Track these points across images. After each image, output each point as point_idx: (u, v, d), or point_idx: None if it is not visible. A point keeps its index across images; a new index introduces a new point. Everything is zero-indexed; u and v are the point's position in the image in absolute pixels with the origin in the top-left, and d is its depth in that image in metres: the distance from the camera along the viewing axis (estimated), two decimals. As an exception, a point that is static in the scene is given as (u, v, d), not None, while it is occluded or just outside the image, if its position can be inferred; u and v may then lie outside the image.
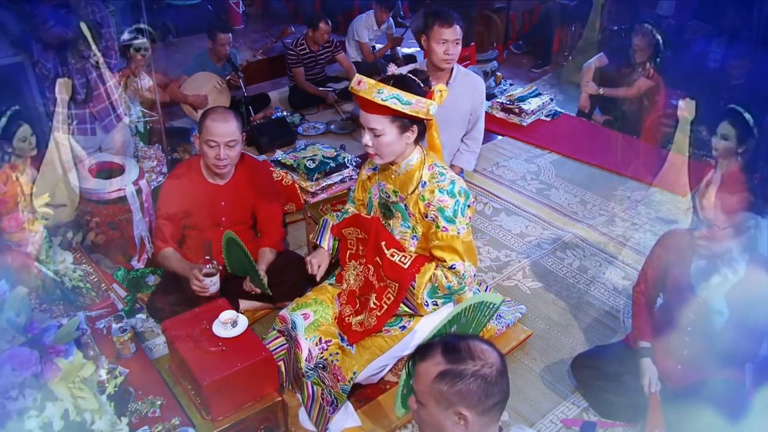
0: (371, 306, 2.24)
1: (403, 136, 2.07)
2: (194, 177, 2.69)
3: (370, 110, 2.02)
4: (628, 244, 3.55)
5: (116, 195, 3.07)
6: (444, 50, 2.94)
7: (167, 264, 2.68)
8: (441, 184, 2.09)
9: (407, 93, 1.98)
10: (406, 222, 2.20)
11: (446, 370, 1.33)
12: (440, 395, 1.33)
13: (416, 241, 2.21)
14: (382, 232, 2.25)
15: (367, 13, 5.72)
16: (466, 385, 1.31)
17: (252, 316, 2.85)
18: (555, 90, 5.77)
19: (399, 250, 2.21)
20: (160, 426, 1.99)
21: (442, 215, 2.08)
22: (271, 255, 2.77)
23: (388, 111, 1.99)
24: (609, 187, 4.13)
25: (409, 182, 2.15)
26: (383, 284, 2.23)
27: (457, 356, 1.34)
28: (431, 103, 2.03)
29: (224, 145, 2.53)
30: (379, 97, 1.96)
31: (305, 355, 2.24)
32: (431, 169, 2.14)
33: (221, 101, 4.62)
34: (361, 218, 2.35)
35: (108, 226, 3.12)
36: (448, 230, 2.09)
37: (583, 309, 3.07)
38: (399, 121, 2.03)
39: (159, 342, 2.74)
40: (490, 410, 1.34)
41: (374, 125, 2.03)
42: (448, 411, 1.33)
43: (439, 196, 2.08)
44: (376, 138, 2.05)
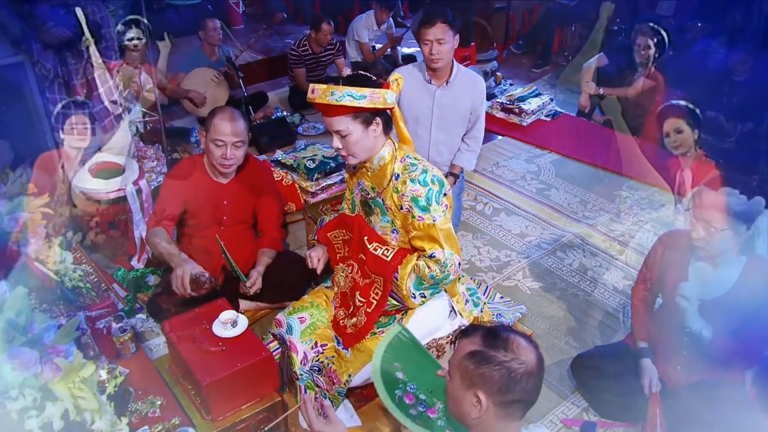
0: (358, 303, 2.24)
1: (368, 131, 2.07)
2: (198, 174, 2.70)
3: (330, 114, 2.05)
4: (628, 244, 3.55)
5: (116, 195, 3.07)
6: (428, 50, 2.94)
7: (155, 243, 2.58)
8: (412, 174, 2.09)
9: (359, 88, 2.00)
10: (385, 216, 2.21)
11: (478, 350, 1.37)
12: (465, 372, 1.37)
13: (397, 234, 2.21)
14: (364, 228, 2.25)
15: (367, 14, 5.72)
16: (490, 370, 1.34)
17: (252, 316, 2.85)
18: (555, 90, 5.77)
19: (381, 244, 2.21)
20: (160, 426, 1.99)
21: (416, 204, 2.07)
22: (271, 255, 2.77)
23: (347, 110, 2.01)
24: (609, 187, 4.13)
25: (383, 176, 2.16)
26: (368, 280, 2.23)
27: (493, 343, 1.38)
28: (386, 92, 2.04)
29: (231, 144, 2.54)
30: (333, 98, 1.98)
31: (300, 358, 2.24)
32: (403, 161, 2.14)
33: (220, 94, 4.63)
34: (347, 218, 2.36)
35: (108, 226, 3.12)
36: (424, 219, 2.08)
37: (583, 309, 3.07)
38: (360, 117, 2.04)
39: (159, 342, 2.74)
40: (509, 406, 1.36)
41: (338, 127, 2.05)
42: (468, 390, 1.37)
43: (411, 186, 2.08)
44: (344, 139, 2.07)
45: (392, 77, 2.09)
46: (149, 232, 2.66)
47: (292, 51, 5.14)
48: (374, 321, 2.23)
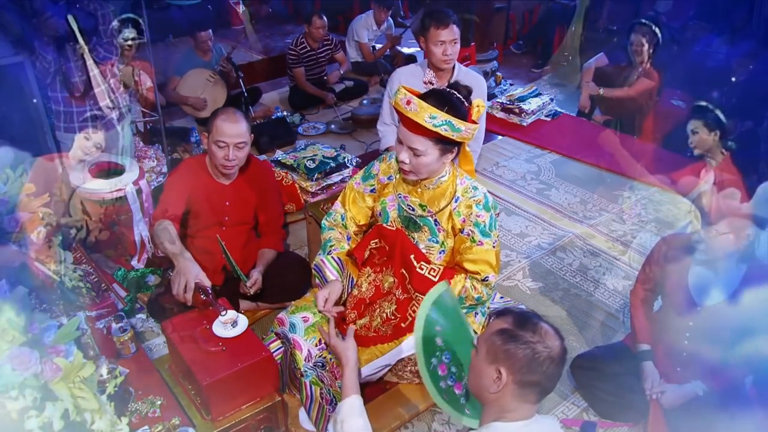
0: (389, 316, 2.21)
1: (442, 157, 2.04)
2: (200, 174, 2.70)
3: (415, 131, 1.97)
4: (628, 244, 3.55)
5: (116, 195, 3.07)
6: (442, 51, 2.94)
7: (161, 237, 2.44)
8: (477, 199, 2.09)
9: (459, 120, 1.94)
10: (435, 236, 2.19)
11: (508, 329, 1.44)
12: (492, 347, 1.44)
13: (443, 255, 2.20)
14: (409, 246, 2.21)
15: (366, 14, 5.72)
16: (516, 348, 1.41)
17: (252, 316, 2.85)
18: (555, 90, 5.77)
19: (426, 263, 2.18)
20: (160, 426, 1.99)
21: (479, 229, 2.07)
22: (272, 255, 2.77)
23: (435, 134, 1.95)
24: (609, 187, 4.13)
25: (440, 197, 2.13)
26: (407, 296, 2.19)
27: (523, 325, 1.45)
28: (476, 128, 2.00)
29: (234, 146, 2.53)
30: (431, 123, 1.92)
31: (305, 355, 2.24)
32: (463, 183, 2.13)
33: (217, 93, 4.63)
34: (385, 230, 2.30)
35: (108, 226, 3.12)
36: (484, 244, 2.08)
37: (583, 309, 3.07)
38: (442, 144, 2.00)
39: (159, 342, 2.74)
40: (526, 386, 1.42)
41: (417, 146, 1.99)
42: (491, 365, 1.43)
43: (476, 211, 2.07)
44: (416, 157, 2.01)
45: (474, 102, 2.05)
46: (156, 224, 2.55)
47: (291, 50, 5.14)
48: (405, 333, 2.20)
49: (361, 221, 2.39)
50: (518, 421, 1.45)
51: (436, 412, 2.50)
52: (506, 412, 1.45)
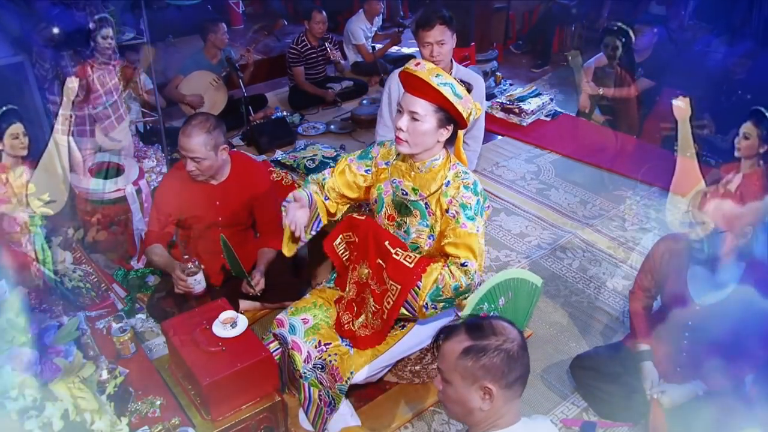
0: (373, 309, 2.21)
1: (438, 131, 2.05)
2: (187, 178, 2.69)
3: (418, 94, 2.01)
4: (628, 244, 3.55)
5: (116, 195, 3.07)
6: (429, 53, 2.94)
7: (154, 260, 2.69)
8: (466, 181, 2.09)
9: (462, 88, 2.00)
10: (425, 220, 2.18)
11: (470, 346, 1.39)
12: (465, 371, 1.39)
13: (433, 240, 2.18)
14: (381, 233, 2.20)
15: (357, 14, 5.74)
16: (490, 359, 1.37)
17: (252, 316, 2.85)
18: (555, 90, 5.77)
19: (402, 249, 2.15)
20: (160, 426, 1.99)
21: (464, 211, 2.06)
22: (272, 255, 2.77)
23: (437, 98, 1.99)
24: (609, 187, 4.13)
25: (432, 180, 2.14)
26: (384, 287, 2.16)
27: (480, 333, 1.40)
28: (477, 107, 2.04)
29: (189, 158, 2.55)
30: (436, 80, 1.96)
31: (304, 357, 2.24)
32: (454, 169, 2.14)
33: (218, 98, 4.63)
34: (355, 220, 2.29)
35: (108, 226, 3.12)
36: (467, 227, 2.05)
37: (583, 309, 3.07)
38: (440, 114, 2.02)
39: (159, 342, 2.74)
40: (512, 384, 1.40)
41: (417, 108, 2.01)
42: (473, 386, 1.39)
43: (463, 192, 2.07)
44: (414, 122, 2.03)
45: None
46: (147, 250, 2.71)
47: (291, 49, 5.14)
48: (390, 326, 2.21)
49: (340, 190, 2.32)
50: (514, 425, 1.43)
51: (437, 412, 2.50)
52: (498, 419, 1.42)
